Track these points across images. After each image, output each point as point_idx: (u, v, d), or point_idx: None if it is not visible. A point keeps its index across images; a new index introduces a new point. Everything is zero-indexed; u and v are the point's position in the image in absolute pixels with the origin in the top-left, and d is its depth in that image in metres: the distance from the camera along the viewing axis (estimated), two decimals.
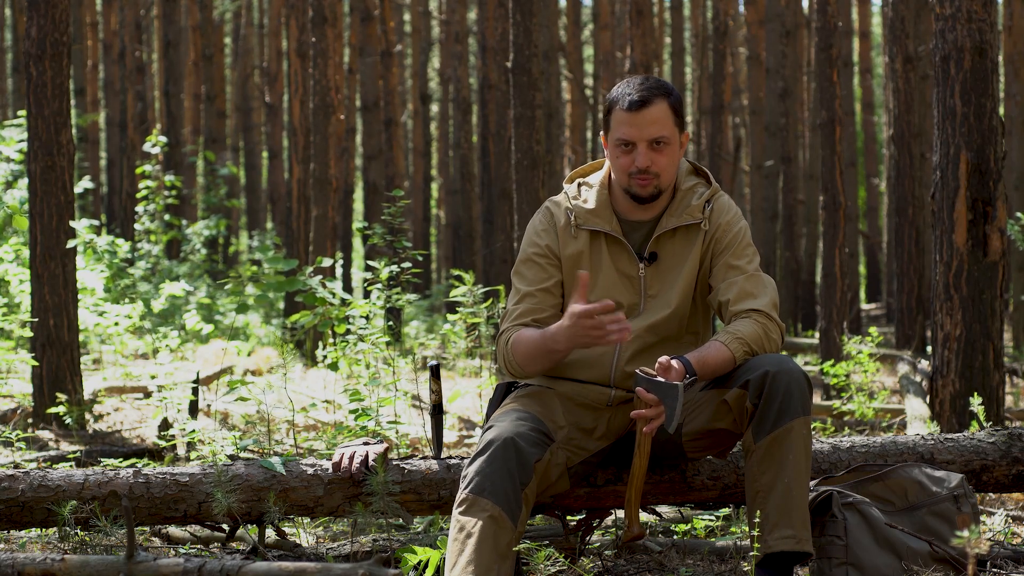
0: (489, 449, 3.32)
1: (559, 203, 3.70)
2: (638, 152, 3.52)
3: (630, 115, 3.52)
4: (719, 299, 3.58)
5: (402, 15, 27.86)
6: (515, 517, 3.27)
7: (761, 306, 3.52)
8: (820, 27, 10.28)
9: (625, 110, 3.52)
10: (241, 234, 29.87)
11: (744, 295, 3.54)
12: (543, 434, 3.46)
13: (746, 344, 3.45)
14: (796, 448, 3.36)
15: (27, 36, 7.03)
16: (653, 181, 3.54)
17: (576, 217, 3.64)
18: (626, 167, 3.55)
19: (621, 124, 3.53)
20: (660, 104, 3.52)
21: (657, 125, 3.51)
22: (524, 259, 3.67)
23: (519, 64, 8.61)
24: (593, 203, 3.64)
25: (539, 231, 3.67)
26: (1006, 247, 6.17)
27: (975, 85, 6.09)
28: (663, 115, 3.52)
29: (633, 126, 3.52)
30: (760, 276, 3.59)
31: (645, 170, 3.52)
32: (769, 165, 18.25)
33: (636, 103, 3.51)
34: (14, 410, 7.35)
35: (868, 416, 7.40)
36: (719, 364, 3.43)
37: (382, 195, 16.45)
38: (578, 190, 3.71)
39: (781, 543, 3.33)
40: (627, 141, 3.53)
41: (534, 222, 3.71)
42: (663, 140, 3.52)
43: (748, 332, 3.47)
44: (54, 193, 7.03)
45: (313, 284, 5.95)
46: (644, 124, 3.51)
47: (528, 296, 3.61)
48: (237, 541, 4.19)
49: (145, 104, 21.11)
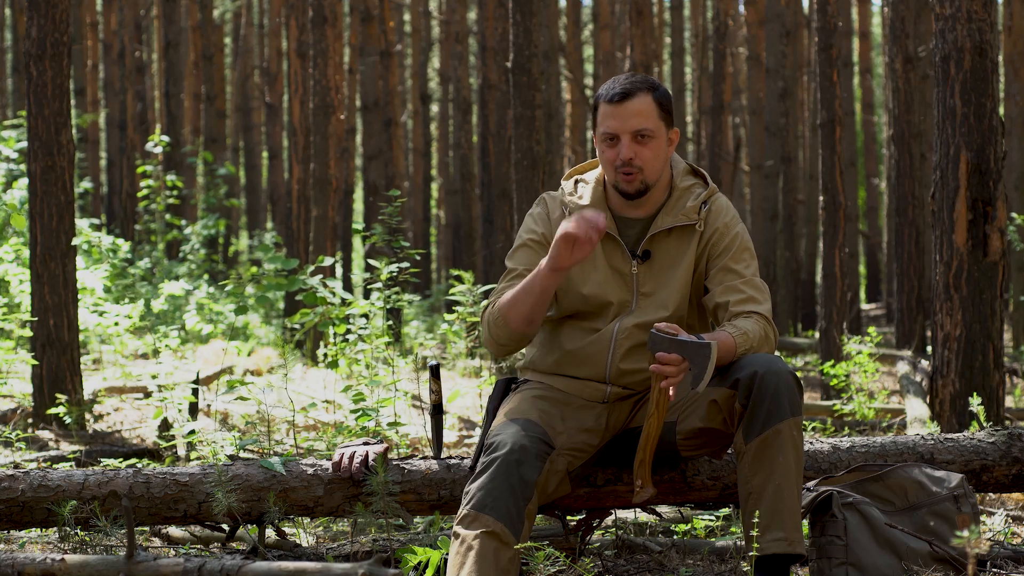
0: (492, 466, 3.33)
1: (555, 197, 3.73)
2: (622, 144, 3.54)
3: (613, 107, 3.54)
4: (716, 300, 3.58)
5: (402, 15, 27.85)
6: (517, 532, 3.29)
7: (763, 310, 3.54)
8: (820, 27, 10.28)
9: (608, 102, 3.55)
10: (241, 234, 29.86)
11: (746, 298, 3.55)
12: (544, 443, 3.46)
13: (749, 340, 3.46)
14: (786, 450, 3.36)
15: (27, 36, 7.03)
16: (638, 175, 3.56)
17: (570, 212, 3.65)
18: (611, 160, 3.57)
19: (606, 117, 3.56)
20: (643, 97, 3.54)
21: (640, 117, 3.53)
22: (519, 245, 3.71)
23: (519, 64, 8.61)
24: (588, 199, 3.66)
25: (536, 219, 3.71)
26: (1006, 247, 6.17)
27: (975, 85, 6.09)
28: (646, 108, 3.54)
29: (616, 118, 3.54)
30: (758, 281, 3.60)
31: (628, 162, 3.54)
32: (769, 165, 18.25)
33: (618, 95, 3.53)
34: (14, 410, 7.35)
35: (868, 416, 7.40)
36: (725, 350, 3.43)
37: (382, 195, 16.44)
38: (575, 187, 3.73)
39: (773, 545, 3.34)
40: (611, 134, 3.55)
41: (532, 212, 3.74)
42: (647, 133, 3.53)
43: (751, 329, 3.48)
44: (54, 193, 7.03)
45: (314, 284, 5.95)
46: (627, 116, 3.53)
47: (518, 276, 3.63)
48: (237, 541, 4.19)
49: (145, 104, 21.12)
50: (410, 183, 28.33)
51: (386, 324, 6.09)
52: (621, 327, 3.59)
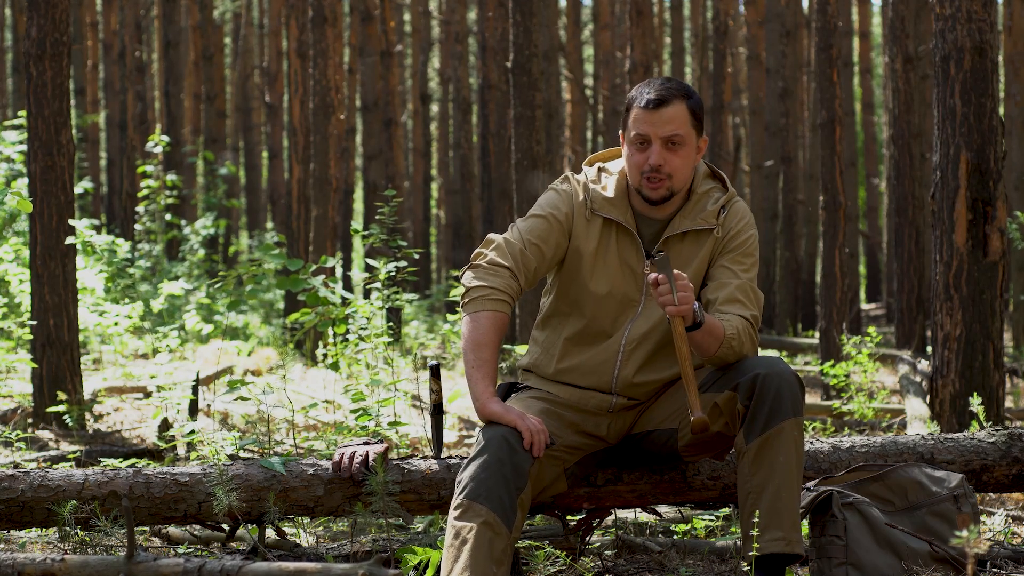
0: (484, 455, 3.31)
1: (580, 181, 3.67)
2: (652, 150, 3.51)
3: (647, 113, 3.51)
4: (707, 296, 3.57)
5: (402, 15, 27.85)
6: (510, 522, 3.26)
7: (748, 315, 3.52)
8: (820, 27, 10.28)
9: (643, 108, 3.52)
10: (241, 234, 29.86)
11: (733, 299, 3.54)
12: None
13: (736, 336, 3.44)
14: (787, 449, 3.36)
15: (27, 36, 7.04)
16: (665, 183, 3.53)
17: (592, 201, 3.62)
18: (639, 164, 3.54)
19: (638, 121, 3.52)
20: (678, 105, 3.52)
21: (673, 124, 3.50)
22: (537, 214, 3.63)
23: (519, 64, 8.62)
24: (611, 191, 3.63)
25: (562, 197, 3.64)
26: (1006, 247, 6.17)
27: (975, 85, 6.09)
28: (680, 115, 3.52)
29: (649, 123, 3.51)
30: (752, 286, 3.58)
31: (657, 168, 3.51)
32: (769, 165, 18.26)
33: (654, 102, 3.51)
34: (14, 410, 7.35)
35: (868, 416, 7.40)
36: (713, 328, 3.41)
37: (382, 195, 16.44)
38: (598, 175, 3.68)
39: (771, 545, 3.34)
40: (643, 139, 3.52)
41: (557, 187, 3.67)
42: (678, 140, 3.51)
43: (739, 325, 3.47)
44: (54, 193, 7.03)
45: (315, 283, 5.95)
46: (660, 123, 3.50)
47: (517, 242, 3.57)
48: (237, 541, 4.19)
49: (145, 104, 21.10)
50: (410, 183, 28.32)
51: (386, 324, 6.09)
52: (629, 337, 3.58)
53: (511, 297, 3.53)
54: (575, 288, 3.62)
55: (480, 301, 3.51)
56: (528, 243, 3.58)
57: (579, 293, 3.62)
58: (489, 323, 3.48)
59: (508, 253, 3.56)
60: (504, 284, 3.52)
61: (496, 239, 3.60)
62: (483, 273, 3.54)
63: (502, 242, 3.58)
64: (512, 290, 3.53)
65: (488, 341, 3.47)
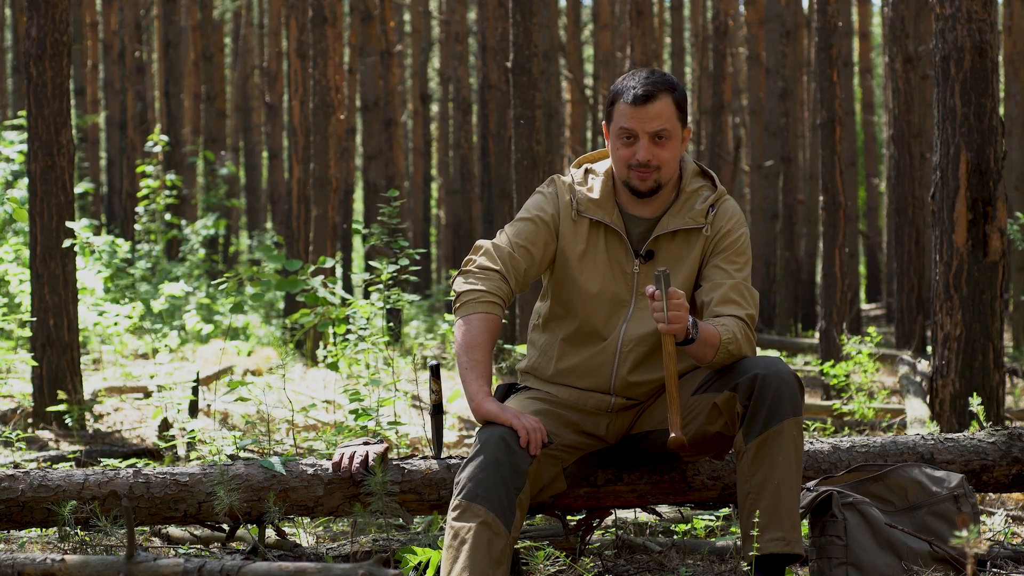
0: (481, 455, 3.31)
1: (565, 182, 3.68)
2: (639, 145, 3.52)
3: (633, 108, 3.51)
4: (702, 298, 3.57)
5: (402, 15, 27.85)
6: (509, 522, 3.26)
7: (743, 315, 3.51)
8: (820, 27, 10.28)
9: (629, 103, 3.52)
10: (241, 234, 29.86)
11: (727, 300, 3.53)
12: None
13: (733, 339, 3.44)
14: (786, 449, 3.36)
15: (27, 36, 7.04)
16: (653, 175, 3.54)
17: (579, 203, 3.63)
18: (626, 159, 3.54)
19: (624, 116, 3.52)
20: (664, 99, 3.52)
21: (660, 119, 3.51)
22: (525, 217, 3.65)
23: (519, 64, 8.61)
24: (597, 193, 3.63)
25: (547, 199, 3.66)
26: (1006, 247, 6.17)
27: (975, 85, 6.09)
28: (666, 110, 3.52)
29: (636, 119, 3.51)
30: (746, 286, 3.58)
31: (646, 164, 3.52)
32: (769, 165, 18.26)
33: (640, 97, 3.51)
34: (14, 410, 7.35)
35: (868, 416, 7.40)
36: (709, 338, 3.41)
37: (382, 195, 16.44)
38: (584, 176, 3.69)
39: (771, 545, 3.34)
40: (629, 133, 3.52)
41: (543, 190, 3.69)
42: (665, 134, 3.52)
43: (735, 328, 3.47)
44: (54, 193, 7.03)
45: (315, 284, 5.95)
46: (647, 118, 3.50)
47: (505, 246, 3.59)
48: (237, 541, 4.19)
49: (145, 104, 21.11)
50: (410, 183, 28.33)
51: (386, 324, 6.09)
52: (625, 338, 3.58)
53: (502, 300, 3.55)
54: (566, 290, 3.63)
55: (471, 304, 3.52)
56: (516, 246, 3.59)
57: (570, 294, 3.62)
58: (481, 325, 3.50)
59: (497, 257, 3.58)
60: (494, 287, 3.54)
61: (485, 244, 3.62)
62: (473, 278, 3.56)
63: (491, 247, 3.61)
64: (503, 292, 3.55)
65: (481, 342, 3.48)
